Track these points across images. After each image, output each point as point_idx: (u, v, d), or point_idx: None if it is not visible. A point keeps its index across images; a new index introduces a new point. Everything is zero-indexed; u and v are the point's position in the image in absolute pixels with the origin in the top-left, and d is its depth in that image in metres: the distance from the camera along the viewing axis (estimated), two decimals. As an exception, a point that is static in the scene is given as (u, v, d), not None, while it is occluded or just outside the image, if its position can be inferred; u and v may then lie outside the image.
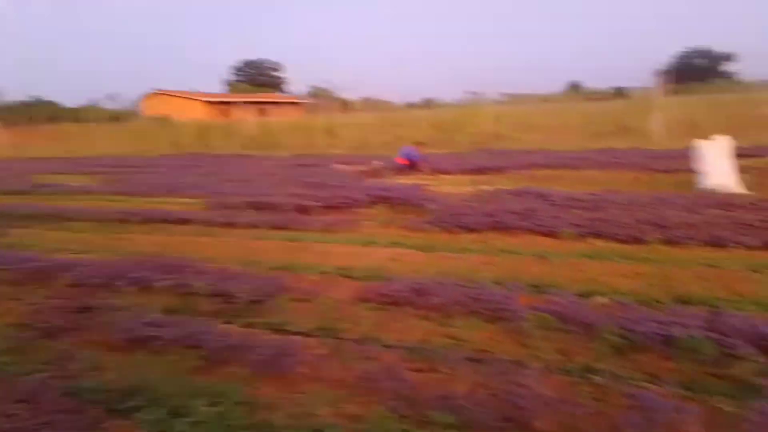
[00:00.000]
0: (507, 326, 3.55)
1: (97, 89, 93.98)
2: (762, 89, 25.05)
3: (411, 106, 33.05)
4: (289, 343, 3.38)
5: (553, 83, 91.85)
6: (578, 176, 9.98)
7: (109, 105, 40.44)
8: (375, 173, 11.78)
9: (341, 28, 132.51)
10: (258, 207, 8.09)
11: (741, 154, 8.61)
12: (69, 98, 60.62)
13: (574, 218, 6.14)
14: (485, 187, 8.70)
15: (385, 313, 3.89)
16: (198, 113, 34.84)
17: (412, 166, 11.82)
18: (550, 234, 5.87)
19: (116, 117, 32.69)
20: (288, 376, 3.06)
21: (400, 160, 11.99)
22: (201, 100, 38.97)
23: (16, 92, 51.51)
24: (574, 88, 44.92)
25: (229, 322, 3.85)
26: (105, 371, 3.15)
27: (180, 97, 40.75)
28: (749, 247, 5.02)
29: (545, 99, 33.05)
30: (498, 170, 11.09)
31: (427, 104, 33.50)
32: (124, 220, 7.75)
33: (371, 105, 27.02)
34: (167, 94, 41.42)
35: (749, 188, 7.49)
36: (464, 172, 11.20)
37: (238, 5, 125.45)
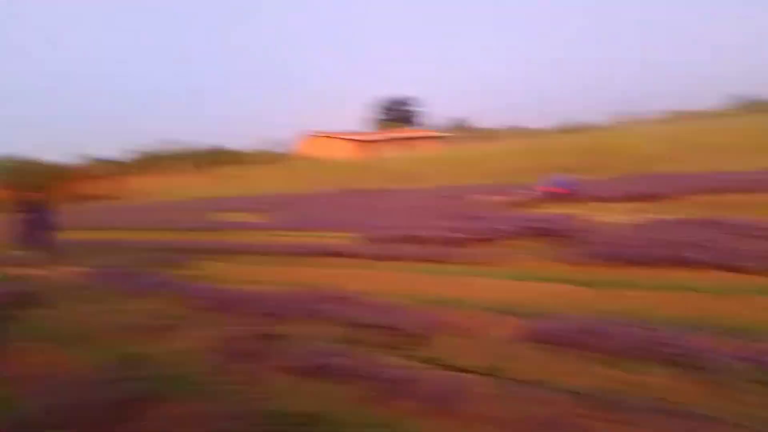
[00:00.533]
0: (694, 374, 3.22)
1: (255, 132, 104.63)
2: None
3: (557, 131, 31.76)
4: (456, 380, 3.41)
5: (711, 96, 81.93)
6: (755, 201, 8.80)
7: (268, 147, 44.65)
8: (522, 203, 11.52)
9: (478, 57, 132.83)
10: (408, 240, 8.35)
11: None
12: (232, 142, 68.51)
13: (759, 249, 5.42)
14: (648, 215, 8.04)
15: (553, 354, 3.75)
16: (346, 151, 37.09)
17: (562, 194, 11.36)
18: (731, 267, 5.25)
19: (275, 158, 36.14)
20: (456, 414, 3.08)
21: (550, 189, 11.60)
22: (348, 139, 41.55)
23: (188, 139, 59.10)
24: (740, 101, 39.79)
25: (394, 355, 3.99)
26: (290, 396, 3.42)
27: (329, 138, 43.85)
28: None
29: (709, 114, 29.74)
30: (660, 196, 10.21)
31: (575, 128, 31.95)
32: (290, 253, 8.46)
33: (514, 133, 26.55)
34: (319, 135, 44.89)
35: None
36: (621, 199, 10.48)
37: (367, 45, 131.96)
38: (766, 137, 17.54)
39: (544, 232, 7.60)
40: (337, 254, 8.08)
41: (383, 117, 67.71)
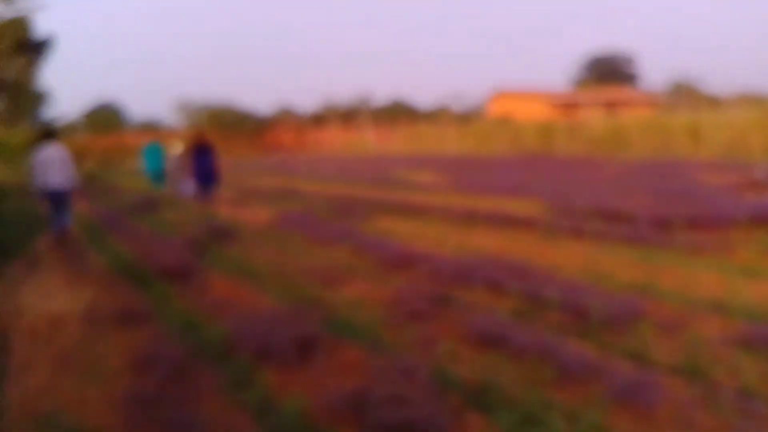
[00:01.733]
0: None
1: (447, 89, 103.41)
2: None
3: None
4: (649, 376, 3.04)
5: None
6: None
7: (456, 106, 43.95)
8: (757, 186, 9.72)
9: (707, 7, 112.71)
10: (605, 216, 7.64)
11: None
12: (423, 100, 69.14)
13: None
14: None
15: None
16: (541, 112, 35.02)
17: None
18: None
19: (462, 118, 35.55)
20: (647, 413, 2.75)
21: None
22: (544, 98, 39.09)
23: (383, 96, 60.51)
24: None
25: (581, 339, 3.69)
26: (461, 363, 3.37)
27: (522, 96, 41.64)
28: None
29: None
30: None
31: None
32: (468, 217, 8.31)
33: (747, 100, 22.17)
34: (509, 94, 42.90)
35: None
36: None
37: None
38: None
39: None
40: (522, 223, 7.71)
41: (587, 74, 62.25)
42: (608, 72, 62.02)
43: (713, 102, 22.33)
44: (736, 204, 7.27)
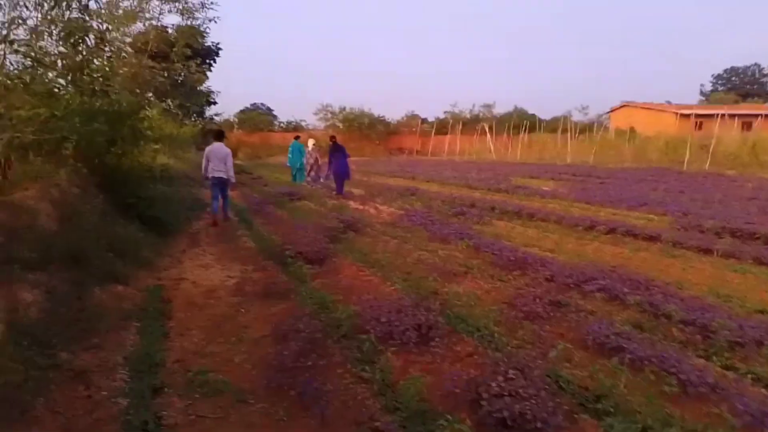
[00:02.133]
0: None
1: (571, 101, 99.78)
2: None
3: None
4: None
5: None
6: None
7: (579, 117, 42.56)
8: None
9: None
10: (737, 235, 7.12)
11: None
12: (545, 110, 67.53)
13: None
14: None
15: None
16: (668, 126, 32.80)
17: None
18: None
19: (585, 129, 34.19)
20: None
21: None
22: (672, 112, 36.46)
23: (505, 105, 60.64)
24: None
25: (705, 358, 3.58)
26: (576, 367, 3.38)
27: (648, 108, 39.24)
28: None
29: None
30: None
31: None
32: (588, 227, 8.11)
33: None
34: (635, 106, 40.54)
35: None
36: None
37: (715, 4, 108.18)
38: None
39: None
40: (645, 237, 7.40)
41: (724, 89, 56.87)
42: (744, 86, 56.38)
43: None
44: None
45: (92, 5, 8.02)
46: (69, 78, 6.94)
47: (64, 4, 6.86)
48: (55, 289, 4.10)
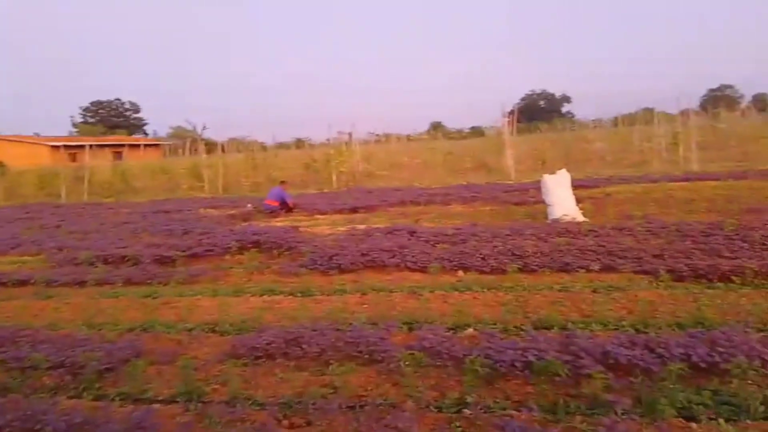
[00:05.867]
0: (383, 368, 3.51)
1: None
2: (592, 128, 28.96)
3: (281, 146, 32.45)
4: (148, 413, 3.01)
5: (417, 123, 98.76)
6: (444, 211, 10.50)
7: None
8: (246, 217, 11.39)
9: (207, 67, 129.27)
10: (110, 261, 7.35)
11: (578, 185, 9.71)
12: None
13: (442, 253, 6.39)
14: (359, 226, 8.77)
15: (257, 368, 3.67)
16: (43, 159, 31.53)
17: (283, 207, 11.62)
18: (421, 269, 6.02)
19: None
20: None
21: (271, 202, 11.73)
22: (44, 144, 35.28)
23: None
24: (436, 128, 47.77)
25: (76, 397, 3.39)
26: None
27: (20, 141, 36.67)
28: (590, 271, 5.53)
29: (411, 138, 34.65)
30: (370, 208, 11.29)
31: (298, 144, 33.21)
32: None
33: (239, 146, 26.33)
34: (3, 139, 37.02)
35: (587, 216, 8.38)
36: (338, 211, 11.25)
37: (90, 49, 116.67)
38: (453, 158, 21.46)
39: (263, 246, 7.55)
40: (16, 283, 6.60)
41: (92, 121, 59.86)
42: (111, 118, 61.31)
43: (210, 148, 24.98)
44: (229, 234, 8.25)
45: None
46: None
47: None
48: None
